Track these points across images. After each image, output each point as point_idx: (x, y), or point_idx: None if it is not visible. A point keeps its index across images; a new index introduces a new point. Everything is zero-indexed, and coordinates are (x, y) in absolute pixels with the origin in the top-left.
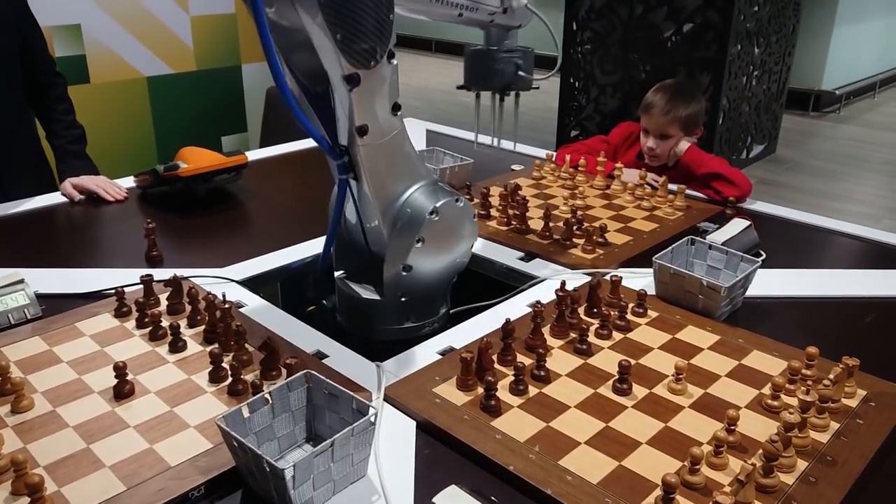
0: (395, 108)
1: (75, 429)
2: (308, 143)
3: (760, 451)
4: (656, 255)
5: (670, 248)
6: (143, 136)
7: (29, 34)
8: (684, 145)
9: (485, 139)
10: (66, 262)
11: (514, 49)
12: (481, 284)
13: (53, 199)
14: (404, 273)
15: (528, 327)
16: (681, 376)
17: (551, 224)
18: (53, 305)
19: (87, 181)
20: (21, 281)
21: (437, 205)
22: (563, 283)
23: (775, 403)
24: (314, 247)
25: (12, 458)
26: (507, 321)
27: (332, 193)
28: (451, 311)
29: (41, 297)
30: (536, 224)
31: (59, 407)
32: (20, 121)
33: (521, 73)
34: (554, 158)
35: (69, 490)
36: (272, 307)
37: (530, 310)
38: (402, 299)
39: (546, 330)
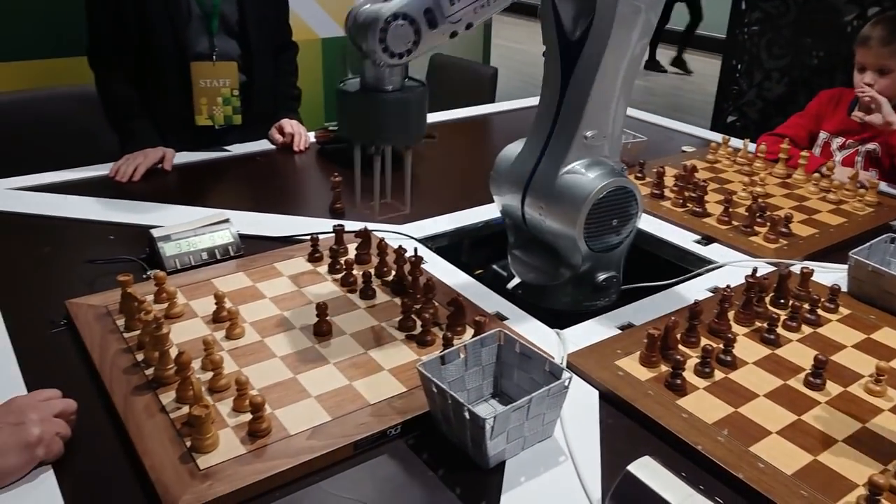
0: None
1: (282, 359)
2: (480, 110)
3: None
4: (853, 251)
5: (868, 244)
6: (312, 95)
7: (284, 3)
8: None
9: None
10: (260, 206)
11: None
12: (652, 264)
13: (257, 146)
14: (581, 249)
15: (713, 311)
16: (882, 377)
17: (731, 210)
18: (251, 245)
19: (295, 125)
20: (226, 220)
21: (608, 181)
22: (755, 270)
23: None
24: (487, 212)
25: (236, 379)
26: (696, 303)
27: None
28: (623, 288)
29: (241, 237)
30: (712, 208)
31: (266, 338)
32: (273, 77)
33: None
34: (752, 148)
35: (281, 413)
36: (450, 266)
37: (708, 293)
38: (579, 272)
39: (730, 315)
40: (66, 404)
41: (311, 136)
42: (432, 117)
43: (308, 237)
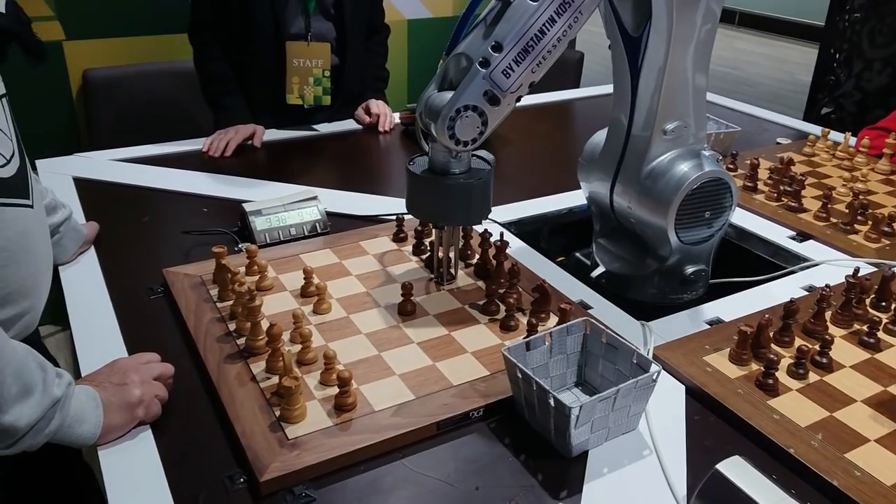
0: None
1: (367, 336)
2: (565, 95)
3: None
4: None
5: None
6: (397, 77)
7: None
8: None
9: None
10: (346, 185)
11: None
12: (743, 259)
13: (344, 125)
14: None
15: (809, 310)
16: None
17: (830, 206)
18: (337, 223)
19: (381, 106)
20: (315, 198)
21: (704, 171)
22: (857, 270)
23: None
24: (570, 199)
25: (325, 353)
26: (792, 301)
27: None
28: (712, 282)
29: (327, 215)
30: (809, 204)
31: (352, 314)
32: (364, 59)
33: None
34: (853, 142)
35: (366, 389)
36: (534, 252)
37: (803, 292)
38: (666, 266)
39: (827, 316)
40: (165, 368)
41: (396, 117)
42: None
43: (393, 217)
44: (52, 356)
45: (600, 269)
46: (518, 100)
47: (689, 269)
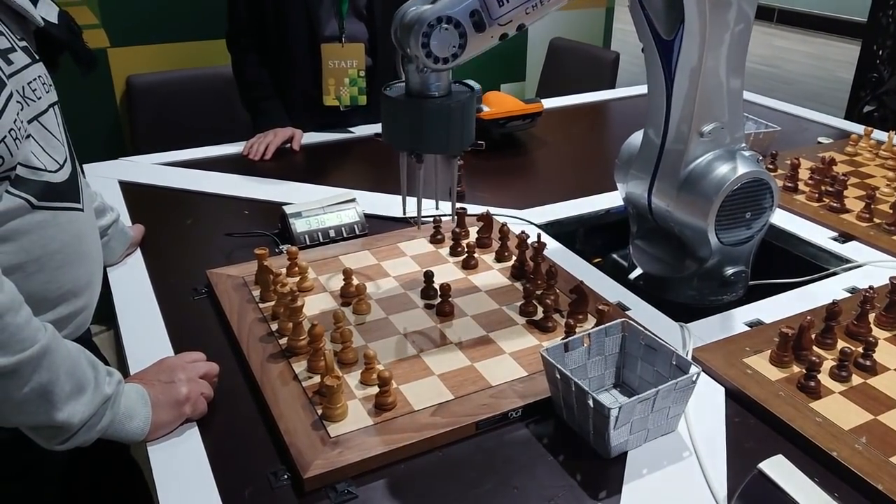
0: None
1: (406, 336)
2: (600, 96)
3: None
4: None
5: None
6: None
7: None
8: None
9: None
10: (383, 187)
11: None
12: (784, 260)
13: (379, 127)
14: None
15: (852, 312)
16: None
17: (873, 206)
18: (375, 225)
19: None
20: (353, 200)
21: (744, 171)
22: None
23: None
24: (607, 200)
25: (365, 353)
26: (834, 302)
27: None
28: (752, 284)
29: (366, 217)
30: (852, 204)
31: (391, 315)
32: (397, 57)
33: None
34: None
35: (406, 389)
36: (570, 253)
37: (846, 294)
38: (705, 267)
39: (870, 318)
40: (210, 367)
41: None
42: (551, 102)
43: (430, 219)
44: (102, 355)
45: (638, 272)
46: (502, 38)
47: (729, 271)
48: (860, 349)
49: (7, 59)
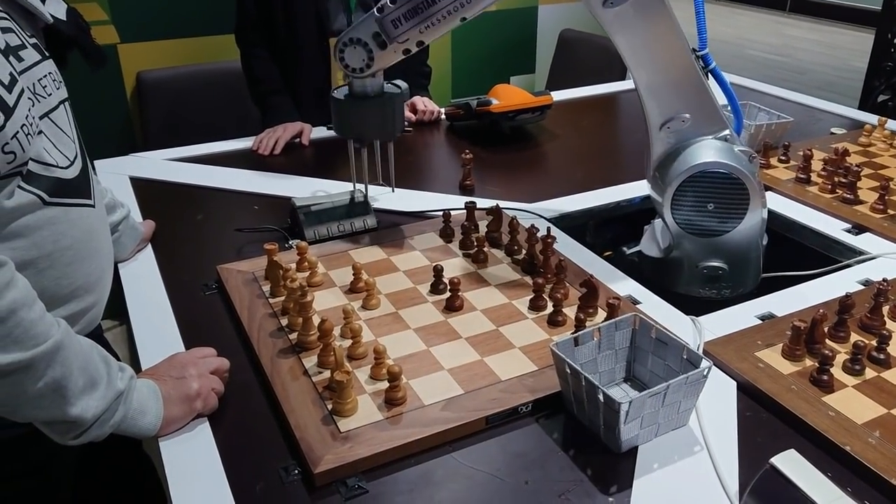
0: None
1: (416, 331)
2: (610, 88)
3: None
4: None
5: None
6: (440, 70)
7: None
8: None
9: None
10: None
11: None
12: (796, 252)
13: None
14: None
15: (865, 305)
16: None
17: (887, 197)
18: (384, 220)
19: (427, 103)
20: (363, 194)
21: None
22: None
23: None
24: (617, 193)
25: (375, 348)
26: (847, 295)
27: None
28: (764, 276)
29: (375, 212)
30: (865, 195)
31: (400, 310)
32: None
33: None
34: None
35: (416, 383)
36: (580, 247)
37: (859, 286)
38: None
39: (884, 311)
40: (221, 362)
41: (442, 113)
42: (561, 94)
43: (440, 213)
44: (113, 350)
45: (636, 249)
46: (406, 53)
47: (702, 264)
48: (874, 342)
49: (18, 55)
